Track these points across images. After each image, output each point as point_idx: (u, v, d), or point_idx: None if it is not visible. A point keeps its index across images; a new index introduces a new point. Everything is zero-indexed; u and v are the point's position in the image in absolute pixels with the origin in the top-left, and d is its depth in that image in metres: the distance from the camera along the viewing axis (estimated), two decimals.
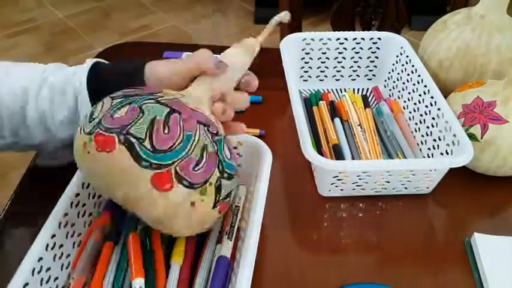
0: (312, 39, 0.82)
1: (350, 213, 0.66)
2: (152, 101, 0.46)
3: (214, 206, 0.47)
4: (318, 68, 0.84)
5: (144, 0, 2.68)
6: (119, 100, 0.46)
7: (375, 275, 0.58)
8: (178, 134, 0.45)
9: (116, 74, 0.58)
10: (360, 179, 0.63)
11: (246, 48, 0.57)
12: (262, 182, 0.54)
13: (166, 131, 0.44)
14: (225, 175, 0.47)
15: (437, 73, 0.78)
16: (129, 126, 0.44)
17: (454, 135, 0.64)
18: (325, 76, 0.86)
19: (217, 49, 0.91)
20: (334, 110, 0.78)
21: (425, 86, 0.72)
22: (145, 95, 0.47)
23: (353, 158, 0.70)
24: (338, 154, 0.70)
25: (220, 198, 0.47)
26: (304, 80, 0.85)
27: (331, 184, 0.64)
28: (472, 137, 0.65)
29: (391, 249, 0.61)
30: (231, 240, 0.54)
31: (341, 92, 0.85)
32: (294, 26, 1.17)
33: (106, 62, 0.62)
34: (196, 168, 0.44)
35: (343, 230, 0.63)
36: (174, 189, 0.43)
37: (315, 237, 0.63)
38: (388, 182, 0.65)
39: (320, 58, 0.84)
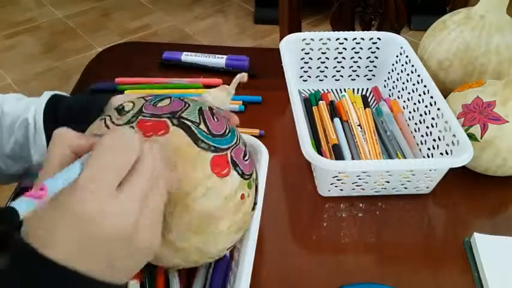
0: (312, 39, 0.82)
1: (350, 213, 0.66)
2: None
3: (253, 209, 0.47)
4: (317, 68, 0.84)
5: (144, 0, 2.69)
6: (155, 96, 0.46)
7: (375, 274, 0.58)
8: (225, 125, 0.45)
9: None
10: (359, 179, 0.64)
11: (228, 92, 0.53)
12: (259, 179, 0.54)
13: (215, 119, 0.44)
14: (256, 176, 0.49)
15: (437, 73, 0.78)
16: (180, 112, 0.43)
17: (454, 135, 0.64)
18: (325, 76, 0.86)
19: (218, 49, 0.92)
20: (334, 110, 0.78)
21: (425, 86, 0.72)
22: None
23: (353, 158, 0.70)
24: (338, 154, 0.70)
25: (256, 200, 0.47)
26: (303, 80, 0.85)
27: (331, 184, 0.64)
28: (471, 137, 0.65)
29: (390, 249, 0.61)
30: None
31: (341, 92, 0.85)
32: (293, 26, 1.17)
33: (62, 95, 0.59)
34: (245, 159, 0.45)
35: (342, 230, 0.63)
36: (230, 176, 0.42)
37: (314, 237, 0.63)
38: (388, 182, 0.65)
39: (320, 58, 0.84)
